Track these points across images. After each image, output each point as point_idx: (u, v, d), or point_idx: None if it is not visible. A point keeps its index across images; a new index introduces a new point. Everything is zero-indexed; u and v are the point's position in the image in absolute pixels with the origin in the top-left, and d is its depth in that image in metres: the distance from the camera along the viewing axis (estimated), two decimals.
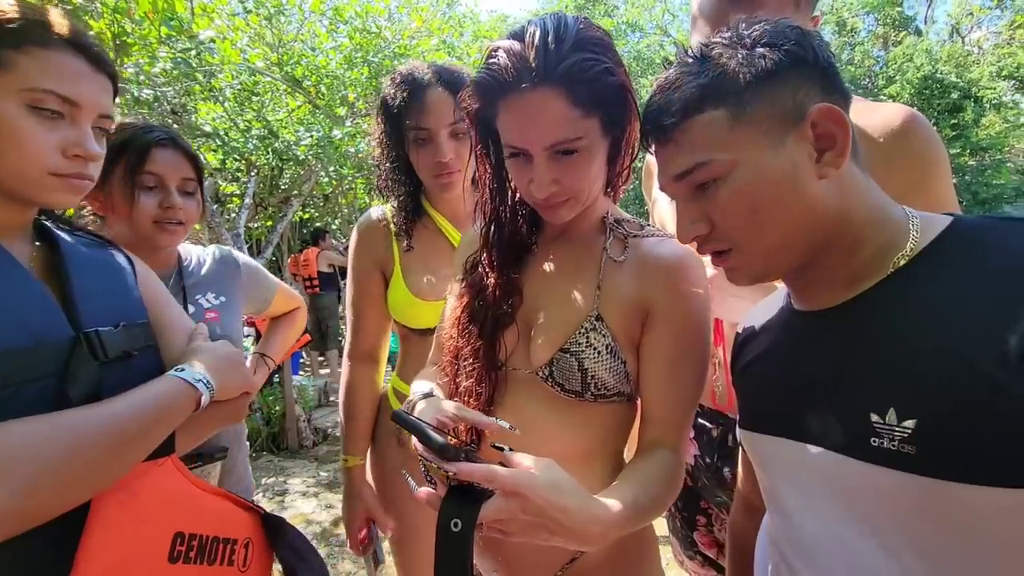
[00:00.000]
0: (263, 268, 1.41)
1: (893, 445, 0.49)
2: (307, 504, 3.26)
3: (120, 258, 0.80)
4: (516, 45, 0.67)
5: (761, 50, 0.56)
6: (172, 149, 1.11)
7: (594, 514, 0.61)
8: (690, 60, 0.60)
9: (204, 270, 1.25)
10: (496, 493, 0.58)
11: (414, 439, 0.63)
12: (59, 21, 0.66)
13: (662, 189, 0.65)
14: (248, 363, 1.36)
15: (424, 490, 0.63)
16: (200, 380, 0.74)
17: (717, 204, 0.58)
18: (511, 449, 0.64)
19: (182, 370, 0.74)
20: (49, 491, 0.56)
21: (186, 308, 1.15)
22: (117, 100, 0.76)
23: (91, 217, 1.13)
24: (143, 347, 0.74)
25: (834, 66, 0.58)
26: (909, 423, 0.48)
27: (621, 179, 0.82)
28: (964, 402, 0.46)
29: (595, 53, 0.67)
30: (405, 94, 1.11)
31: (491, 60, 0.69)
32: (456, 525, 0.57)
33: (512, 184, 0.81)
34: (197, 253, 1.28)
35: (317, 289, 6.05)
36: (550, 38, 0.66)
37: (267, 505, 3.27)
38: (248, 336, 4.69)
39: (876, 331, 0.54)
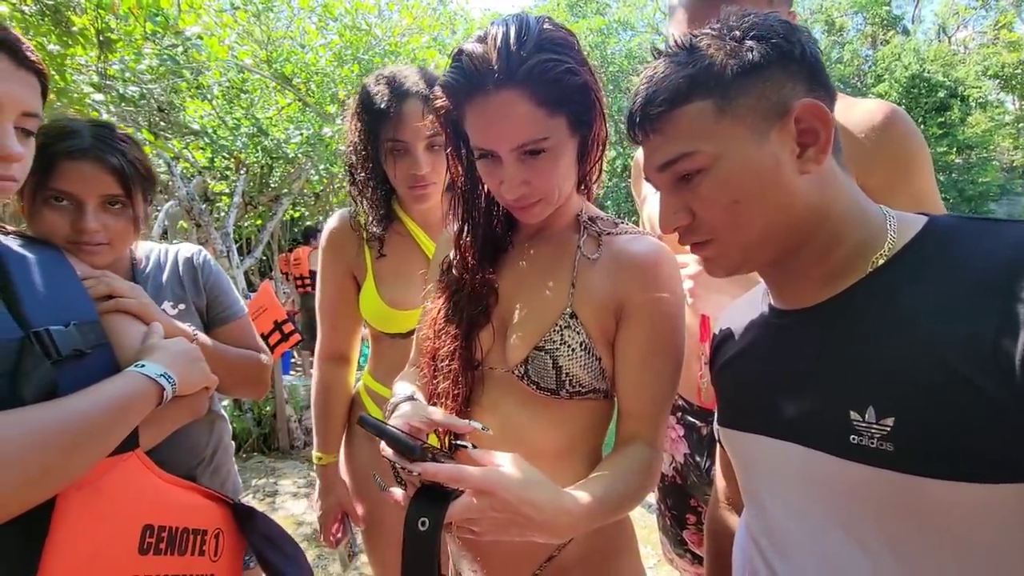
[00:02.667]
0: (234, 291, 1.18)
1: (872, 443, 0.49)
2: (297, 505, 3.24)
3: (63, 258, 0.78)
4: (479, 48, 0.68)
5: (749, 43, 0.56)
6: (90, 161, 0.89)
7: (564, 507, 0.62)
8: (678, 51, 0.59)
9: (165, 275, 1.08)
10: (465, 492, 0.58)
11: (382, 443, 0.63)
12: None
13: (646, 178, 0.65)
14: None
15: (395, 490, 0.63)
16: (162, 375, 0.73)
17: (699, 195, 0.59)
18: (475, 446, 0.65)
19: (142, 366, 0.73)
20: (6, 490, 0.55)
21: None
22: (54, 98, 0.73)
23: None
24: (96, 345, 0.73)
25: (820, 62, 0.58)
26: (888, 421, 0.49)
27: (592, 177, 0.83)
28: (941, 401, 0.46)
29: (557, 53, 0.68)
30: (382, 104, 1.08)
31: (455, 63, 0.70)
32: (424, 524, 0.57)
33: (485, 185, 0.81)
34: (158, 254, 1.11)
35: (309, 288, 6.01)
36: (512, 40, 0.66)
37: (257, 506, 3.24)
38: None
39: (856, 330, 0.55)
